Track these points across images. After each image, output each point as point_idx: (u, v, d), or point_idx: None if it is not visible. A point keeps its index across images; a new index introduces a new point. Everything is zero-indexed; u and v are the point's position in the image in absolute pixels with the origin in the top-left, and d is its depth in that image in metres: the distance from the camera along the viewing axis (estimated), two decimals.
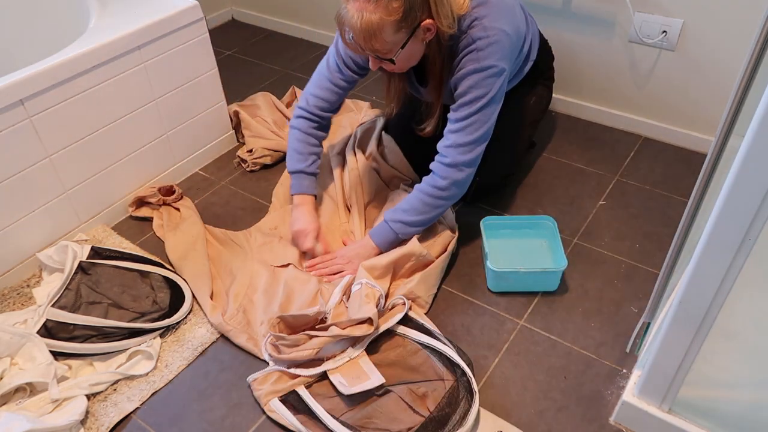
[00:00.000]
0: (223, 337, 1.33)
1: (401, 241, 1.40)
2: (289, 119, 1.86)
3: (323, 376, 1.20)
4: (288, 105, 2.02)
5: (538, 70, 1.62)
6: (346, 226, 1.55)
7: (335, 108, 1.52)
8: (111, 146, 1.55)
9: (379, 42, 1.21)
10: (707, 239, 0.83)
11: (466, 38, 1.28)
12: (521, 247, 1.48)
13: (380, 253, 1.40)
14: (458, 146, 1.33)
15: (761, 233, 0.78)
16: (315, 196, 1.52)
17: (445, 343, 1.22)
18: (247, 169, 1.78)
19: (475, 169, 1.37)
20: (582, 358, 1.26)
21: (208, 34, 1.66)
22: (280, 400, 1.16)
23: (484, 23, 1.26)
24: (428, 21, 1.23)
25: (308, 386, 1.19)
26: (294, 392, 1.17)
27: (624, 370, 1.24)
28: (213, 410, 1.20)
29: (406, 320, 1.28)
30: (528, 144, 1.69)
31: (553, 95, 1.95)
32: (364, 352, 1.22)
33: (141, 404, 1.21)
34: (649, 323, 1.11)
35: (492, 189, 1.61)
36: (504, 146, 1.57)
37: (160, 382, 1.24)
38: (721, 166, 0.85)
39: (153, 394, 1.23)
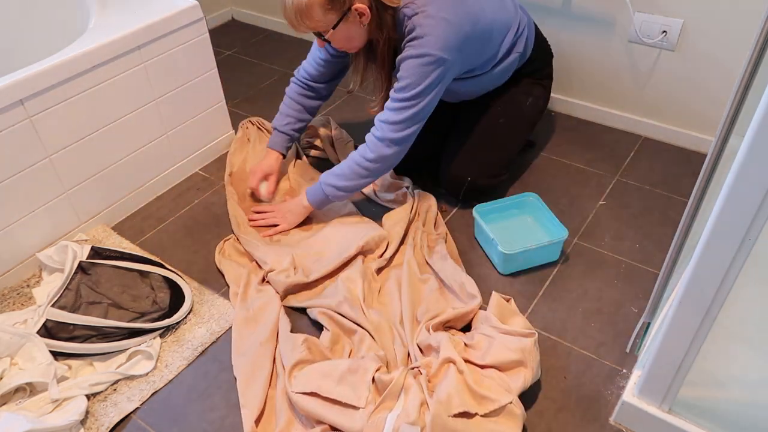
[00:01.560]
0: (224, 337, 1.33)
1: (330, 202, 1.51)
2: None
3: None
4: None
5: (535, 69, 1.62)
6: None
7: (324, 79, 1.64)
8: (111, 146, 1.55)
9: (312, 21, 1.31)
10: (707, 239, 0.83)
11: (409, 25, 1.33)
12: (513, 227, 1.53)
13: (311, 210, 1.53)
14: (390, 123, 1.38)
15: (761, 233, 0.78)
16: (283, 154, 1.67)
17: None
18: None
19: (405, 149, 1.43)
20: (582, 358, 1.26)
21: (208, 34, 1.66)
22: None
23: (427, 11, 1.31)
24: (360, 6, 1.29)
25: None
26: None
27: (624, 370, 1.24)
28: (213, 410, 1.20)
29: None
30: (523, 144, 1.69)
31: (554, 95, 1.96)
32: None
33: (141, 404, 1.21)
34: (649, 323, 1.11)
35: (484, 188, 1.61)
36: (496, 146, 1.58)
37: (160, 382, 1.24)
38: (721, 166, 0.85)
39: (153, 394, 1.23)
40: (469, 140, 1.58)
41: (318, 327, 1.33)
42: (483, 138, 1.58)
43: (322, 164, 1.81)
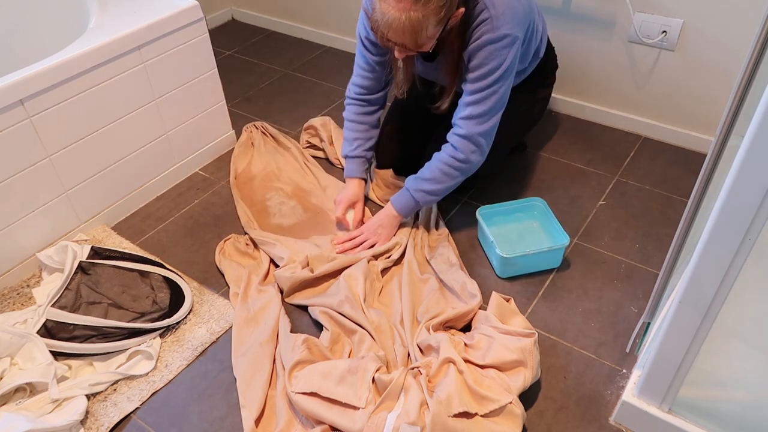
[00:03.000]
0: (224, 337, 1.33)
1: (419, 208, 1.49)
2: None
3: None
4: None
5: (540, 76, 1.62)
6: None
7: (380, 87, 1.54)
8: (111, 146, 1.55)
9: (420, 38, 1.20)
10: (707, 239, 0.83)
11: (480, 4, 1.26)
12: (517, 231, 1.51)
13: (401, 220, 1.48)
14: (473, 118, 1.34)
15: (761, 233, 0.78)
16: (364, 179, 1.59)
17: None
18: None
19: (491, 139, 1.39)
20: (582, 358, 1.26)
21: (208, 34, 1.66)
22: None
23: None
24: (460, 10, 1.23)
25: None
26: None
27: (624, 370, 1.24)
28: (213, 410, 1.20)
29: None
30: (513, 146, 1.68)
31: (554, 95, 1.96)
32: None
33: (141, 404, 1.21)
34: (649, 323, 1.11)
35: (468, 184, 1.60)
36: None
37: (160, 382, 1.24)
38: (721, 166, 0.85)
39: (153, 394, 1.23)
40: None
41: (318, 327, 1.33)
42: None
43: (322, 164, 1.81)
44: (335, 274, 1.42)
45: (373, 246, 1.47)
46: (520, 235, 1.50)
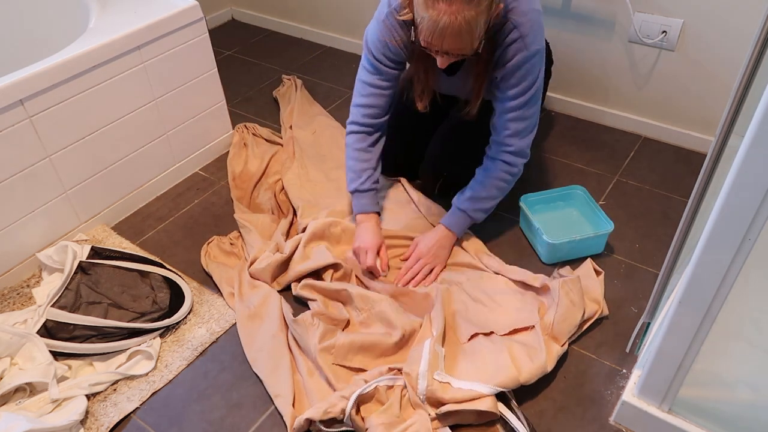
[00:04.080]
0: (224, 337, 1.33)
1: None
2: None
3: None
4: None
5: None
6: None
7: (386, 111, 1.46)
8: (111, 146, 1.55)
9: (475, 40, 1.18)
10: (707, 239, 0.83)
11: (507, 24, 1.25)
12: (557, 218, 1.55)
13: (456, 238, 1.46)
14: (519, 133, 1.37)
15: (761, 233, 0.78)
16: (378, 213, 1.49)
17: (518, 418, 1.11)
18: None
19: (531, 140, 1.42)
20: (582, 358, 1.26)
21: (208, 34, 1.66)
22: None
23: (520, 7, 1.25)
24: (499, 6, 1.22)
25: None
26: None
27: (624, 370, 1.24)
28: (213, 410, 1.20)
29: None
30: None
31: (554, 95, 1.96)
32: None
33: (141, 404, 1.21)
34: (649, 323, 1.11)
35: (464, 184, 1.61)
36: (475, 144, 1.55)
37: (160, 382, 1.24)
38: (721, 166, 0.85)
39: (153, 394, 1.23)
40: (452, 135, 1.57)
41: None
42: (466, 134, 1.57)
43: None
44: (308, 241, 1.46)
45: (432, 272, 1.42)
46: (562, 222, 1.55)
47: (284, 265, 1.43)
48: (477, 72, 1.35)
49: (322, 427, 1.11)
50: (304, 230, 1.49)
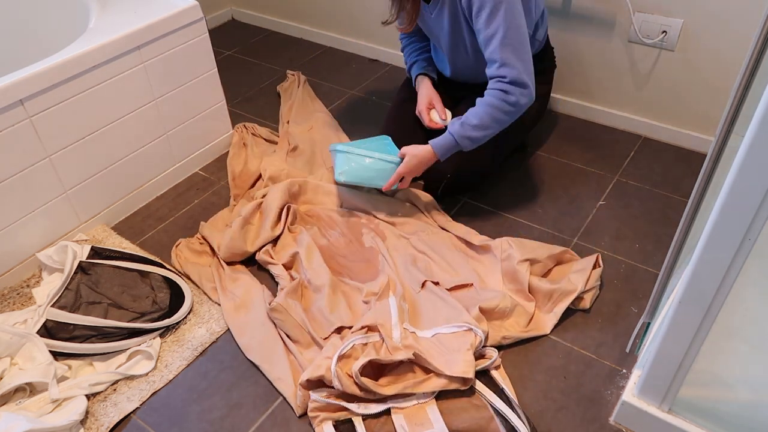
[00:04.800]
0: (223, 337, 1.33)
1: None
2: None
3: (384, 411, 1.15)
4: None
5: (537, 74, 1.62)
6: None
7: (413, 35, 1.68)
8: (111, 146, 1.55)
9: None
10: (707, 239, 0.83)
11: None
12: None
13: (437, 159, 1.48)
14: (508, 61, 1.35)
15: (761, 233, 0.78)
16: (429, 77, 1.67)
17: (519, 417, 1.13)
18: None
19: (533, 76, 1.39)
20: (582, 358, 1.26)
21: (208, 34, 1.66)
22: (333, 425, 1.13)
23: None
24: None
25: (365, 418, 1.14)
26: (350, 422, 1.13)
27: (624, 370, 1.24)
28: (213, 410, 1.20)
29: (488, 379, 1.21)
30: (512, 148, 1.68)
31: (554, 95, 1.96)
32: (434, 399, 1.16)
33: (141, 404, 1.21)
34: (649, 323, 1.11)
35: (464, 186, 1.62)
36: (479, 148, 1.57)
37: (160, 382, 1.24)
38: (721, 166, 0.85)
39: (153, 394, 1.23)
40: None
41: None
42: None
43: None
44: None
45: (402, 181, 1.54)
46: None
47: (248, 229, 1.51)
48: (449, 3, 1.41)
49: (323, 398, 1.15)
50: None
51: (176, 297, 1.37)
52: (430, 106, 1.62)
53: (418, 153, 1.47)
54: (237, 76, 2.26)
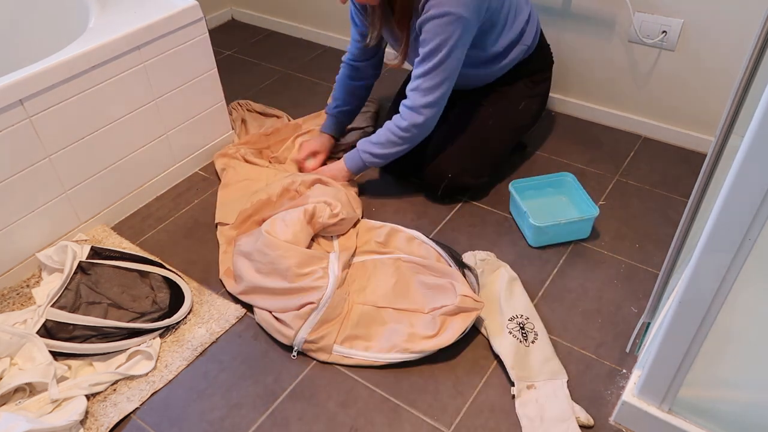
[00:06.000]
0: (224, 337, 1.33)
1: (367, 168, 1.60)
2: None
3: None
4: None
5: (534, 71, 1.62)
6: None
7: (364, 58, 1.69)
8: (111, 146, 1.55)
9: None
10: (707, 239, 0.83)
11: None
12: (546, 204, 1.60)
13: (351, 176, 1.62)
14: (419, 90, 1.44)
15: (761, 233, 0.78)
16: (334, 137, 1.76)
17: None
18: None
19: (437, 113, 1.47)
20: (582, 358, 1.26)
21: (207, 34, 1.66)
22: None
23: None
24: None
25: None
26: None
27: (624, 370, 1.24)
28: (213, 410, 1.20)
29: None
30: (511, 148, 1.69)
31: (554, 95, 1.96)
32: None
33: (141, 404, 1.21)
34: (649, 323, 1.11)
35: (464, 187, 1.62)
36: (482, 146, 1.57)
37: (159, 383, 1.24)
38: (721, 166, 0.85)
39: (153, 394, 1.23)
40: (456, 137, 1.58)
41: None
42: (469, 136, 1.58)
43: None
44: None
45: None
46: (550, 207, 1.59)
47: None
48: (399, 16, 1.44)
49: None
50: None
51: (176, 297, 1.37)
52: (313, 155, 1.72)
53: (334, 165, 1.62)
54: (237, 76, 2.26)
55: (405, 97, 1.49)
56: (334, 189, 1.54)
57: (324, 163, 1.73)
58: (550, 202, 1.59)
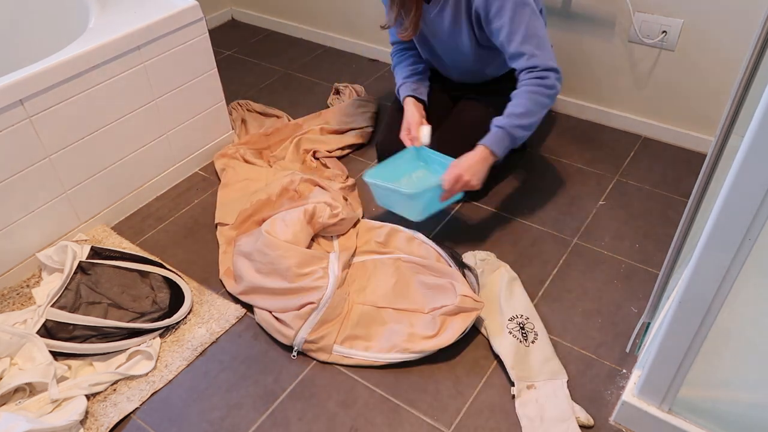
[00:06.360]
0: (224, 337, 1.33)
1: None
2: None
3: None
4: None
5: None
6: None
7: (409, 42, 1.65)
8: (111, 146, 1.55)
9: None
10: (707, 239, 0.83)
11: None
12: (411, 179, 1.52)
13: (496, 158, 1.41)
14: (534, 54, 1.39)
15: (761, 233, 0.78)
16: (417, 98, 1.61)
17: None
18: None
19: (555, 60, 1.42)
20: (582, 358, 1.26)
21: (208, 34, 1.66)
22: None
23: None
24: None
25: None
26: None
27: (624, 370, 1.24)
28: (213, 410, 1.20)
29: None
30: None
31: None
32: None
33: (141, 404, 1.21)
34: (649, 323, 1.11)
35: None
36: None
37: (159, 382, 1.24)
38: (721, 166, 0.85)
39: (153, 394, 1.23)
40: (456, 137, 1.58)
41: None
42: (470, 137, 1.57)
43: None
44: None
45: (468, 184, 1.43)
46: (415, 180, 1.51)
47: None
48: (453, 3, 1.41)
49: None
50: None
51: (176, 297, 1.37)
52: (419, 124, 1.57)
53: (473, 157, 1.40)
54: (237, 76, 2.26)
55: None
56: (334, 192, 1.55)
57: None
58: (413, 177, 1.52)
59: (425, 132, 1.52)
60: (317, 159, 1.79)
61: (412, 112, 1.57)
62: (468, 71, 1.61)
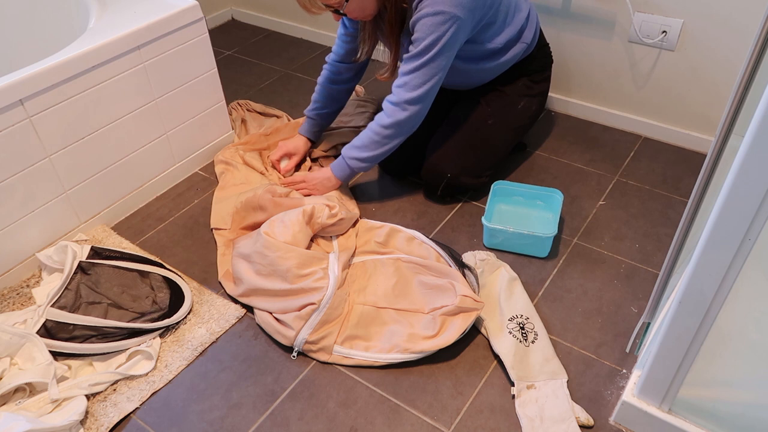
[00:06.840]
0: (223, 337, 1.33)
1: (356, 174, 1.59)
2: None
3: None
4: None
5: (534, 71, 1.62)
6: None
7: (350, 58, 1.65)
8: (111, 146, 1.55)
9: None
10: (707, 239, 0.83)
11: None
12: (526, 215, 1.57)
13: (339, 184, 1.59)
14: (406, 86, 1.42)
15: (761, 233, 0.78)
16: (311, 141, 1.75)
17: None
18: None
19: (422, 110, 1.44)
20: (582, 358, 1.26)
21: (207, 34, 1.66)
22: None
23: None
24: None
25: None
26: None
27: (624, 370, 1.24)
28: (213, 410, 1.20)
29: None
30: (511, 148, 1.69)
31: (554, 95, 1.96)
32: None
33: (141, 404, 1.21)
34: (649, 323, 1.11)
35: (464, 187, 1.62)
36: (482, 146, 1.58)
37: (159, 382, 1.24)
38: (721, 166, 0.85)
39: (153, 394, 1.23)
40: (455, 137, 1.58)
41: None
42: (469, 136, 1.58)
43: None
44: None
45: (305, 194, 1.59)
46: (526, 219, 1.56)
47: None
48: (389, 29, 1.44)
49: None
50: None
51: (176, 297, 1.37)
52: (287, 156, 1.72)
53: (321, 173, 1.59)
54: (237, 76, 2.26)
55: None
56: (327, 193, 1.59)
57: (298, 167, 1.73)
58: (531, 214, 1.56)
59: (282, 164, 1.72)
60: (314, 160, 1.79)
61: (296, 144, 1.72)
62: (455, 84, 1.62)
